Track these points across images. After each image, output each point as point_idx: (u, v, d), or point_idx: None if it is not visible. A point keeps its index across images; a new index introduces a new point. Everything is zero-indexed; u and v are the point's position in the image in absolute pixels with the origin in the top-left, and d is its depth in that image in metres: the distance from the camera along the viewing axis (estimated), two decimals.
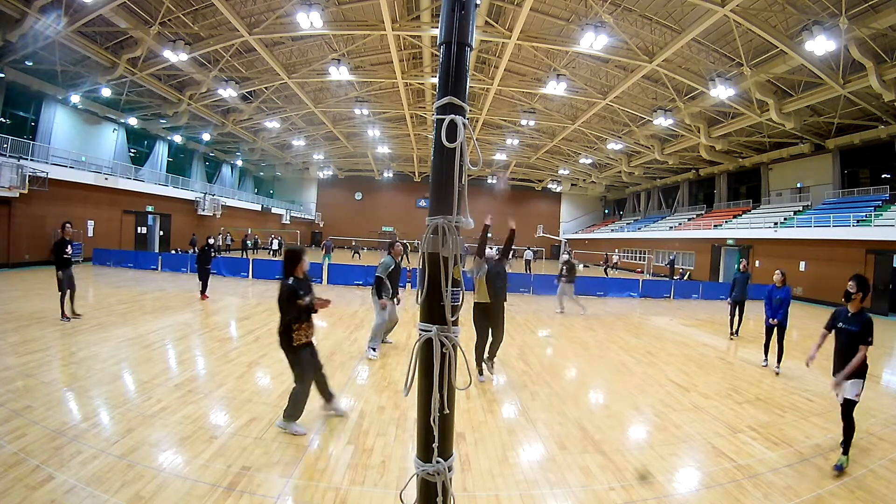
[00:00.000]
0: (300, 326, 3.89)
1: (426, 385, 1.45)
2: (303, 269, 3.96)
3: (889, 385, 6.89)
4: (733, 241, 23.36)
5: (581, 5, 15.26)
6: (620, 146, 28.00)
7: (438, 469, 1.44)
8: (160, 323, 7.85)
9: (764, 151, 24.32)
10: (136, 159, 25.74)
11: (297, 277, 3.90)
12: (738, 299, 9.19)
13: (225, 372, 5.41)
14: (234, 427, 3.90)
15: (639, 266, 31.88)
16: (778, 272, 6.90)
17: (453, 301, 1.47)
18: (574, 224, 47.49)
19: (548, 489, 3.23)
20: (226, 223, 29.16)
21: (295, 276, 3.89)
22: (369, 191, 47.51)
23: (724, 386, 6.03)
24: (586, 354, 7.53)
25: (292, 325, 3.83)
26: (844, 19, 12.31)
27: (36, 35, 14.47)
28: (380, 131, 30.37)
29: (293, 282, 3.84)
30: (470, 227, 1.45)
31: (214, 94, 21.78)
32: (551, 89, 19.31)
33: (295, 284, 3.83)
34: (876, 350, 9.64)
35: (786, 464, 3.77)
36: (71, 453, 3.26)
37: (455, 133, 1.40)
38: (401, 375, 5.61)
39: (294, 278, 3.87)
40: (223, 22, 16.23)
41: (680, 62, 17.36)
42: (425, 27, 16.41)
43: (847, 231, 16.68)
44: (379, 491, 3.07)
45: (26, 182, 14.92)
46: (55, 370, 5.11)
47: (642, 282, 16.89)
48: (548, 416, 4.60)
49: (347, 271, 15.53)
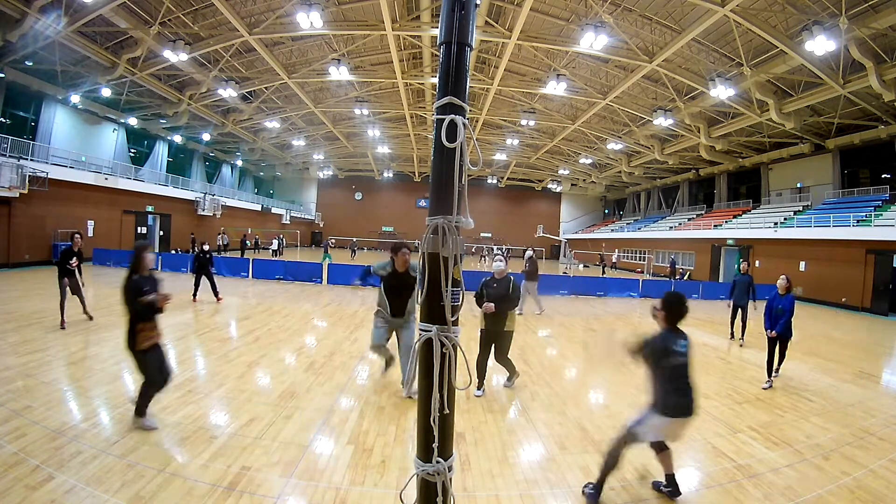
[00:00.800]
0: (145, 326, 3.68)
1: (426, 385, 1.45)
2: (145, 265, 3.79)
3: (889, 385, 6.90)
4: (733, 241, 23.36)
5: (581, 5, 15.27)
6: (620, 146, 28.00)
7: (438, 469, 1.44)
8: (160, 323, 7.83)
9: (764, 151, 24.32)
10: (136, 159, 25.75)
11: (141, 274, 3.77)
12: (738, 303, 8.70)
13: (225, 372, 5.41)
14: (234, 427, 3.90)
15: (639, 266, 31.88)
16: (782, 278, 6.19)
17: (453, 301, 1.47)
18: (574, 224, 47.50)
19: (548, 489, 3.23)
20: (226, 223, 29.16)
21: (139, 272, 3.76)
22: (369, 191, 47.53)
23: (724, 386, 6.03)
24: (586, 354, 7.53)
25: (136, 325, 3.64)
26: (844, 19, 12.31)
27: (36, 35, 14.47)
28: (380, 131, 30.38)
29: (137, 278, 3.71)
30: (470, 227, 1.45)
31: (214, 94, 21.78)
32: (551, 89, 19.31)
33: (138, 280, 3.70)
34: (876, 350, 9.68)
35: (786, 464, 3.77)
36: (71, 453, 3.26)
37: (455, 133, 1.40)
38: (400, 375, 5.61)
39: (138, 275, 3.75)
40: (223, 22, 16.23)
41: (680, 62, 17.36)
42: (425, 27, 16.41)
43: (847, 231, 16.68)
44: (379, 491, 3.07)
45: (26, 182, 14.92)
46: (55, 370, 5.11)
47: (642, 282, 16.89)
48: (548, 416, 4.60)
49: (347, 271, 15.53)
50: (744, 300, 8.66)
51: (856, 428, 4.70)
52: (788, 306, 5.94)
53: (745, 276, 8.72)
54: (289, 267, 15.96)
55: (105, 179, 19.48)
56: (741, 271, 8.93)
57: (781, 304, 6.01)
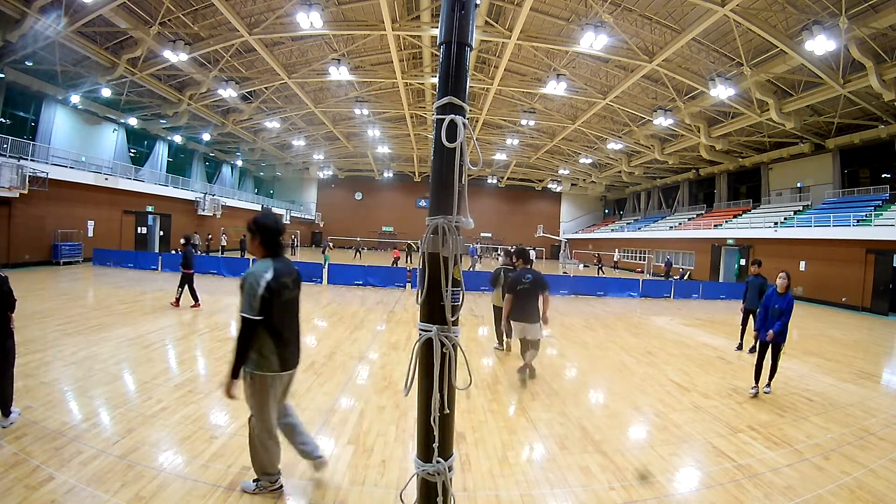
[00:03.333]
0: None
1: (426, 385, 1.45)
2: None
3: (889, 385, 6.89)
4: (733, 240, 23.36)
5: (581, 5, 15.26)
6: (620, 146, 27.99)
7: (439, 469, 1.44)
8: (160, 323, 7.85)
9: (764, 151, 24.31)
10: (136, 159, 25.74)
11: None
12: (750, 308, 7.89)
13: (225, 372, 5.40)
14: (234, 427, 3.90)
15: (639, 266, 31.88)
16: (782, 275, 5.58)
17: (453, 301, 1.47)
18: (574, 224, 47.49)
19: (548, 489, 3.23)
20: (226, 223, 29.15)
21: None
22: (369, 191, 47.53)
23: (724, 386, 6.03)
24: (586, 354, 7.53)
25: None
26: (844, 19, 12.31)
27: (36, 35, 14.46)
28: (380, 131, 30.38)
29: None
30: (470, 227, 1.45)
31: (214, 94, 21.78)
32: (551, 89, 19.31)
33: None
34: (876, 349, 9.68)
35: (786, 464, 3.77)
36: (71, 453, 3.26)
37: (455, 133, 1.40)
38: (401, 375, 5.61)
39: None
40: (223, 22, 16.23)
41: (680, 62, 17.35)
42: (425, 27, 16.41)
43: (847, 231, 16.67)
44: (379, 491, 3.07)
45: (26, 182, 14.91)
46: (55, 370, 5.11)
47: (642, 282, 16.89)
48: (548, 416, 4.60)
49: (347, 271, 15.53)
50: (756, 304, 7.93)
51: (856, 428, 4.70)
52: (787, 307, 5.41)
53: (758, 278, 8.13)
54: None
55: (105, 179, 19.47)
56: (752, 273, 8.32)
57: (779, 303, 5.45)
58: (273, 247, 2.78)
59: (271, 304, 2.62)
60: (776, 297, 5.57)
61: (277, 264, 2.72)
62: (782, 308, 5.47)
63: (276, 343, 2.72)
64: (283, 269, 2.74)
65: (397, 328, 8.71)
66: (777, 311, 5.49)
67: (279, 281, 2.68)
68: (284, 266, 2.78)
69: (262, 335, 2.67)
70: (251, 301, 2.58)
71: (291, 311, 2.88)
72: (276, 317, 2.68)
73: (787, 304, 5.48)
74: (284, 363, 2.79)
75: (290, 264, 2.89)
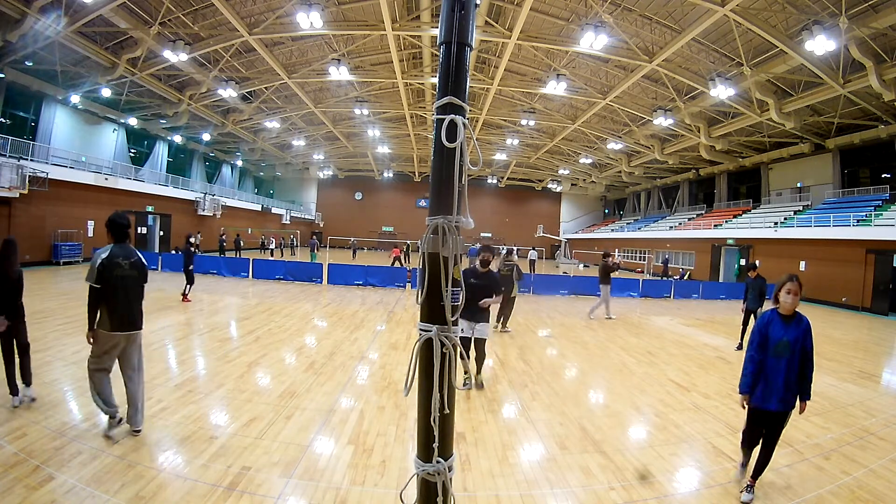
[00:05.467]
0: None
1: (426, 385, 1.45)
2: None
3: (889, 385, 6.89)
4: (733, 240, 23.36)
5: (581, 5, 15.26)
6: (620, 146, 27.99)
7: (438, 469, 1.44)
8: (160, 323, 7.85)
9: (764, 151, 24.31)
10: (136, 159, 25.74)
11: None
12: (751, 308, 8.27)
13: (225, 372, 5.41)
14: (234, 427, 3.90)
15: (639, 266, 31.88)
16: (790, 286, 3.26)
17: (453, 301, 1.47)
18: (574, 224, 47.50)
19: (548, 489, 3.23)
20: (226, 223, 29.16)
21: None
22: (369, 191, 47.54)
23: (724, 386, 6.03)
24: (586, 354, 7.53)
25: None
26: (844, 19, 12.31)
27: (36, 35, 14.47)
28: (380, 131, 30.38)
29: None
30: (470, 227, 1.45)
31: (214, 94, 21.77)
32: (551, 89, 19.31)
33: None
34: (876, 349, 9.68)
35: (786, 464, 3.77)
36: (71, 453, 3.26)
37: (455, 133, 1.40)
38: (401, 375, 5.61)
39: None
40: (223, 22, 16.23)
41: (680, 62, 17.35)
42: (425, 27, 16.41)
43: (847, 231, 16.68)
44: (379, 491, 3.08)
45: (26, 182, 14.92)
46: (55, 370, 5.11)
47: (642, 282, 16.90)
48: (548, 416, 4.60)
49: (348, 271, 15.54)
50: (757, 305, 8.31)
51: (856, 428, 4.70)
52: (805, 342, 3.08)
53: (757, 279, 8.42)
54: (289, 267, 15.97)
55: (105, 179, 19.48)
56: (751, 275, 8.53)
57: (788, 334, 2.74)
58: (117, 236, 3.67)
59: (103, 277, 3.45)
60: (779, 325, 3.17)
61: (115, 248, 3.60)
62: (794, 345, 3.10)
63: (109, 308, 3.50)
64: (118, 252, 3.59)
65: (397, 328, 8.71)
66: (784, 347, 3.09)
67: (112, 260, 3.52)
68: (121, 250, 3.63)
69: (101, 301, 3.48)
70: (91, 272, 3.44)
71: (125, 286, 3.59)
72: (109, 288, 3.47)
73: (803, 335, 3.12)
74: (114, 326, 3.50)
75: (129, 250, 3.70)
